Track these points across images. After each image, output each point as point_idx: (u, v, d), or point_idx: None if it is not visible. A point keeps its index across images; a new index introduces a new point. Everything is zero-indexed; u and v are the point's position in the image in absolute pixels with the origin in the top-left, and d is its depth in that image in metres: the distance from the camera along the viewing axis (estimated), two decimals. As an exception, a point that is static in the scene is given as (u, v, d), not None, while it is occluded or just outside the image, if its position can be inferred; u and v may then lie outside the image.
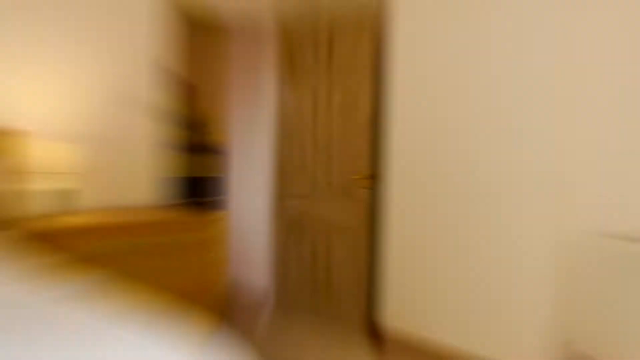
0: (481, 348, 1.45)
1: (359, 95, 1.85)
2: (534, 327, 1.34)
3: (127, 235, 1.29)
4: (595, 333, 1.28)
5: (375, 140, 1.84)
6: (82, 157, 1.42)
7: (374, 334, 1.79)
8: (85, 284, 0.74)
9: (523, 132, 1.36)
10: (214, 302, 1.57)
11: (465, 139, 1.50)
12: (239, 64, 2.46)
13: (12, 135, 1.24)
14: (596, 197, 1.25)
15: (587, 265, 1.28)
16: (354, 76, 1.86)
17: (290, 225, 2.09)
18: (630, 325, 1.19)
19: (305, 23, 2.01)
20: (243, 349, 1.35)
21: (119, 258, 1.25)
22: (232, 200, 2.51)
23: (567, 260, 1.29)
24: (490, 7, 1.45)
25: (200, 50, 3.04)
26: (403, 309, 1.68)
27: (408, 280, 1.67)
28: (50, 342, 0.48)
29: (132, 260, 1.29)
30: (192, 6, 1.96)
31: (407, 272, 1.67)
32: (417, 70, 1.64)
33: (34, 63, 1.40)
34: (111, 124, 1.60)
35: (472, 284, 1.48)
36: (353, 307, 1.91)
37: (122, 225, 1.33)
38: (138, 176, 1.69)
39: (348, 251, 1.90)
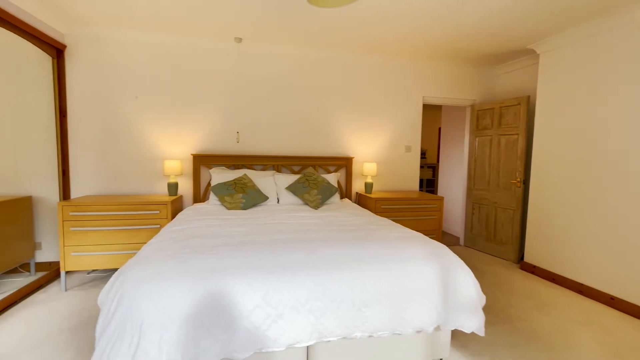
0: (604, 286, 2.94)
1: (517, 140, 3.61)
2: None
3: (399, 202, 3.72)
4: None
5: (525, 163, 3.55)
6: (376, 169, 4.01)
7: (523, 266, 3.47)
8: (386, 221, 3.16)
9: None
10: (437, 234, 3.79)
11: (581, 165, 3.03)
12: (446, 124, 4.69)
13: (350, 160, 3.95)
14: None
15: None
16: (513, 130, 3.64)
17: (474, 203, 4.10)
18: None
19: (486, 103, 3.96)
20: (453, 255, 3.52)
21: (396, 212, 3.69)
22: (443, 189, 4.75)
23: None
24: (598, 94, 2.93)
25: (425, 117, 5.50)
26: (540, 252, 3.31)
27: (543, 236, 3.28)
28: (375, 241, 2.87)
29: (402, 214, 3.69)
30: (426, 98, 4.32)
31: (542, 229, 3.29)
32: (551, 125, 3.25)
33: (362, 132, 4.11)
34: (392, 154, 4.14)
35: (594, 236, 2.98)
36: (509, 250, 3.67)
37: (396, 197, 3.78)
38: (402, 176, 4.17)
39: (507, 219, 3.69)
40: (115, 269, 3.11)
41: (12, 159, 2.79)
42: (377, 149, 3.95)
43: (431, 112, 6.77)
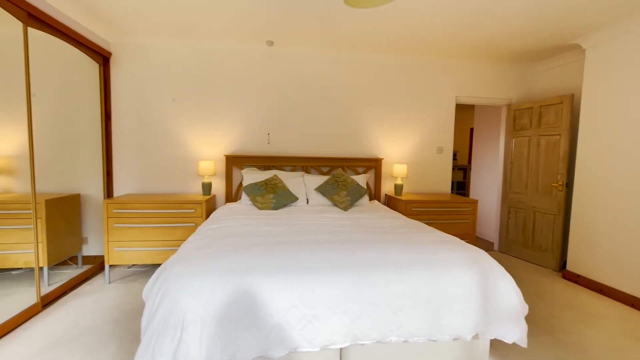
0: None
1: (559, 140, 3.40)
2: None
3: (431, 204, 3.60)
4: None
5: (568, 165, 3.34)
6: (406, 170, 3.92)
7: (566, 275, 3.26)
8: (419, 224, 3.06)
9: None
10: (471, 239, 3.65)
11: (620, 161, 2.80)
12: (479, 124, 4.51)
13: (379, 161, 3.87)
14: None
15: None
16: (555, 130, 3.44)
17: (510, 207, 3.91)
18: None
19: (524, 102, 3.76)
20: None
21: (427, 215, 3.58)
22: (475, 192, 4.57)
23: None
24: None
25: (456, 117, 5.32)
26: (586, 260, 3.10)
27: (588, 243, 3.07)
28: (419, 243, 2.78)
29: (434, 217, 3.58)
30: (459, 98, 4.17)
31: (587, 236, 3.08)
32: (598, 125, 3.03)
33: (392, 133, 4.03)
34: (423, 156, 4.03)
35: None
36: (550, 257, 3.47)
37: (428, 200, 3.67)
38: (433, 178, 4.05)
39: (547, 224, 3.49)
40: (153, 264, 3.27)
41: (64, 158, 3.01)
42: (407, 150, 3.87)
43: (463, 112, 6.55)
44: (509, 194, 3.98)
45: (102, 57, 3.19)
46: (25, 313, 2.19)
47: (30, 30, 2.23)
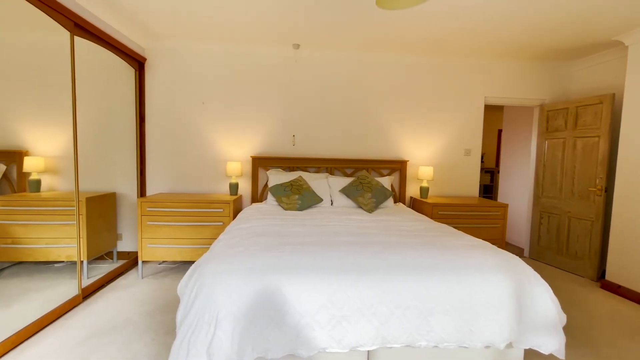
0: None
1: (598, 142, 3.22)
2: None
3: (458, 208, 3.51)
4: None
5: (608, 168, 3.15)
6: (432, 173, 3.82)
7: (605, 285, 3.07)
8: (447, 227, 2.97)
9: None
10: (500, 245, 3.52)
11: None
12: (508, 126, 4.36)
13: (404, 163, 3.80)
14: None
15: None
16: (593, 131, 3.26)
17: (542, 212, 3.74)
18: None
19: (558, 102, 3.60)
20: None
21: (454, 218, 3.48)
22: (503, 195, 4.42)
23: None
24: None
25: (485, 119, 5.17)
26: (628, 270, 2.92)
27: (631, 251, 2.89)
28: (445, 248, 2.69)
29: (461, 220, 3.47)
30: (488, 99, 4.05)
31: (630, 244, 2.90)
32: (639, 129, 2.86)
33: (418, 135, 3.95)
34: (450, 158, 3.93)
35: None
36: (586, 265, 3.29)
37: (455, 203, 3.57)
38: (460, 181, 3.95)
39: (584, 230, 3.31)
40: (183, 262, 3.39)
41: (102, 159, 3.18)
42: (433, 152, 3.80)
43: (491, 113, 6.34)
44: (540, 198, 3.81)
45: (138, 63, 3.35)
46: (68, 303, 2.33)
47: (75, 38, 2.39)
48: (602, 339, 2.14)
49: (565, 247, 3.52)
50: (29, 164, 2.45)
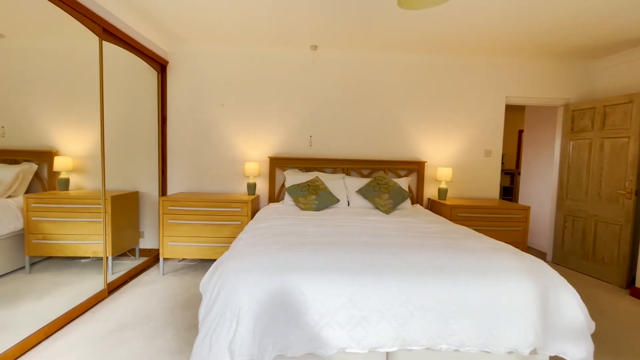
0: None
1: (628, 144, 3.09)
2: None
3: (478, 210, 3.42)
4: None
5: (638, 171, 3.02)
6: (451, 174, 3.75)
7: (635, 292, 2.94)
8: (467, 230, 2.89)
9: None
10: (522, 248, 3.42)
11: None
12: (530, 126, 4.23)
13: (422, 164, 3.73)
14: None
15: None
16: (622, 132, 3.13)
17: (566, 215, 3.62)
18: None
19: (585, 102, 3.47)
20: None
21: (474, 220, 3.40)
22: (524, 198, 4.30)
23: None
24: None
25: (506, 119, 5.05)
26: (653, 273, 2.79)
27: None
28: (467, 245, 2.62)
29: (481, 223, 3.39)
30: (509, 99, 3.95)
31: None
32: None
33: (436, 136, 3.88)
34: (469, 159, 3.85)
35: None
36: (615, 271, 3.16)
37: (475, 205, 3.50)
38: (479, 183, 3.86)
39: (612, 235, 3.18)
40: (202, 259, 3.46)
41: (126, 158, 3.30)
42: (452, 153, 3.74)
43: (512, 114, 6.18)
44: (565, 201, 3.69)
45: (160, 65, 3.45)
46: (94, 297, 2.43)
47: (103, 43, 2.48)
48: (634, 349, 2.05)
49: (592, 252, 3.38)
50: (58, 163, 2.56)
